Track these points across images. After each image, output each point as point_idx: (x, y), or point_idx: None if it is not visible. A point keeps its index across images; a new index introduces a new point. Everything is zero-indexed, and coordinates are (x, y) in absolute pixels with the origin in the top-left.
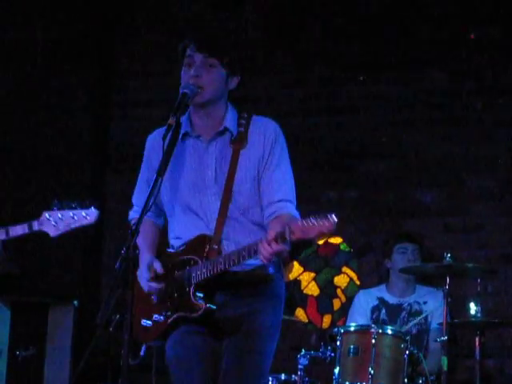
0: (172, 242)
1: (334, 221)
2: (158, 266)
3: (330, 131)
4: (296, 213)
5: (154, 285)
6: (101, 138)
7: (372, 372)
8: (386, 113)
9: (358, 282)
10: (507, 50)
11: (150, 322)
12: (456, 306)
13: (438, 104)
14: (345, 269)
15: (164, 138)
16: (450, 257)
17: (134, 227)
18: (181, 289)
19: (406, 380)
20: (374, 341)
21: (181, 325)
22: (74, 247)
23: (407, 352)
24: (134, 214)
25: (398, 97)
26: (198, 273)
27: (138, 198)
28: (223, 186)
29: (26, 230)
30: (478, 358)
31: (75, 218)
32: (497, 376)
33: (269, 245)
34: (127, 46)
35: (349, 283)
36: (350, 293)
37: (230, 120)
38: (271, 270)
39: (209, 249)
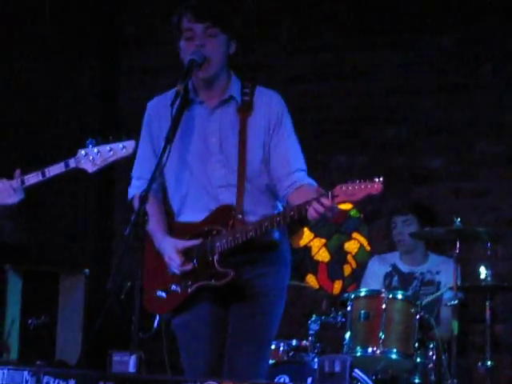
0: (179, 212)
1: (381, 182)
2: (187, 243)
3: (338, 97)
4: (313, 181)
5: (188, 267)
6: (110, 107)
7: (383, 337)
8: (394, 79)
9: (368, 248)
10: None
11: (165, 293)
12: (466, 271)
13: (446, 69)
14: (355, 235)
15: (172, 105)
16: (459, 221)
17: (143, 193)
18: (203, 258)
19: (416, 344)
20: (384, 306)
21: (200, 295)
22: (84, 216)
23: (418, 317)
24: (135, 190)
25: (406, 63)
26: (224, 241)
27: (142, 168)
28: (231, 154)
29: (63, 169)
30: (488, 322)
31: (112, 151)
32: (507, 340)
33: (321, 203)
34: (134, 13)
35: (359, 249)
36: (361, 259)
37: (233, 88)
38: (277, 235)
39: (234, 220)
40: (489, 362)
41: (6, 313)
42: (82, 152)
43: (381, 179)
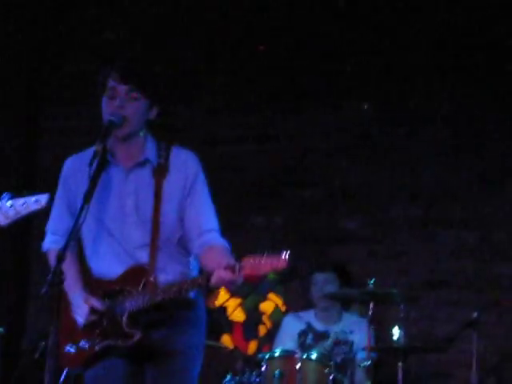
0: (95, 269)
1: (286, 258)
2: (95, 303)
3: (257, 158)
4: (225, 242)
5: (93, 318)
6: (29, 166)
7: None
8: (311, 140)
9: (283, 308)
10: (429, 77)
11: (73, 349)
12: (380, 332)
13: (362, 132)
14: (271, 295)
15: (91, 165)
16: (373, 283)
17: (61, 252)
18: (112, 317)
19: None
20: (298, 366)
21: (108, 353)
22: (2, 271)
23: (331, 377)
24: (49, 245)
25: (323, 125)
26: (133, 303)
27: (56, 224)
28: (146, 216)
29: None
30: (400, 383)
31: (25, 204)
32: None
33: (231, 271)
34: (55, 73)
35: (274, 309)
36: (276, 319)
37: (149, 151)
38: (192, 294)
39: (146, 281)
40: None
41: None
42: None
43: (287, 255)
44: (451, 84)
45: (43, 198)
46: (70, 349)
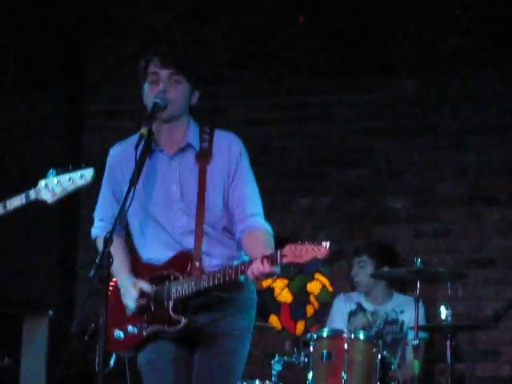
0: (143, 254)
1: (328, 247)
2: (145, 286)
3: (301, 139)
4: (267, 226)
5: (143, 301)
6: (74, 150)
7: (345, 377)
8: (357, 120)
9: (330, 289)
10: (472, 59)
11: (122, 334)
12: (427, 311)
13: (407, 112)
14: (318, 275)
15: (137, 148)
16: (420, 261)
17: (108, 236)
18: (159, 303)
19: None
20: (346, 346)
21: (156, 337)
22: (48, 257)
23: (379, 356)
24: (98, 231)
25: (368, 105)
26: (179, 289)
27: (103, 211)
28: (192, 202)
29: (24, 201)
30: (449, 361)
31: (71, 180)
32: (468, 379)
33: (262, 264)
34: (99, 57)
35: (321, 289)
36: (323, 299)
37: (192, 136)
38: (241, 277)
39: (191, 266)
40: None
41: None
42: (43, 183)
43: (327, 244)
44: (495, 61)
45: (88, 173)
46: (120, 333)
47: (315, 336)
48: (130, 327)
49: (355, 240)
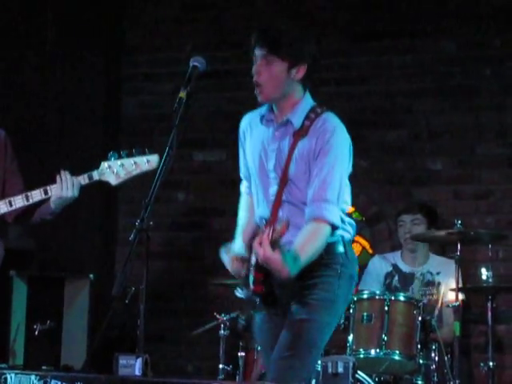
0: (256, 215)
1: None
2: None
3: (340, 101)
4: (327, 214)
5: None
6: (113, 113)
7: (385, 338)
8: (395, 82)
9: (370, 251)
10: None
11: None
12: (468, 272)
13: (447, 72)
14: (357, 237)
15: (175, 111)
16: (460, 223)
17: (148, 201)
18: (248, 269)
19: (419, 346)
20: (386, 308)
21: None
22: (88, 221)
23: (420, 318)
24: (241, 189)
25: (407, 66)
26: (254, 258)
27: (241, 171)
28: (280, 174)
29: (87, 181)
30: (490, 323)
31: (136, 164)
32: (509, 340)
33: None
34: (137, 20)
35: (362, 252)
36: (363, 261)
37: (296, 113)
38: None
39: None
40: (491, 363)
41: (11, 318)
42: (106, 165)
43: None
44: None
45: (154, 159)
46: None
47: (355, 298)
48: (237, 290)
49: (395, 202)
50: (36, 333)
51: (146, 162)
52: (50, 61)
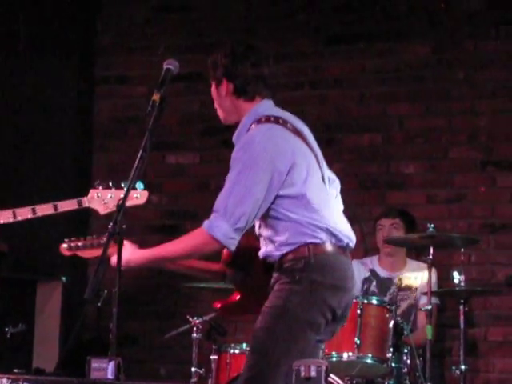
0: None
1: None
2: None
3: (313, 104)
4: (210, 224)
5: None
6: (85, 116)
7: (358, 342)
8: (369, 85)
9: None
10: (487, 21)
11: None
12: (440, 276)
13: (420, 76)
14: None
15: (148, 114)
16: (433, 227)
17: (120, 205)
18: None
19: (391, 349)
20: (359, 311)
21: None
22: (61, 223)
23: (392, 322)
24: None
25: (380, 69)
26: None
27: None
28: None
29: (76, 206)
30: (462, 326)
31: (126, 198)
32: (480, 343)
33: None
34: (110, 22)
35: None
36: None
37: (237, 132)
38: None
39: None
40: (463, 366)
41: None
42: (96, 193)
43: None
44: (509, 22)
45: (143, 195)
46: None
47: None
48: None
49: (368, 206)
50: (8, 335)
51: (136, 198)
52: (22, 62)
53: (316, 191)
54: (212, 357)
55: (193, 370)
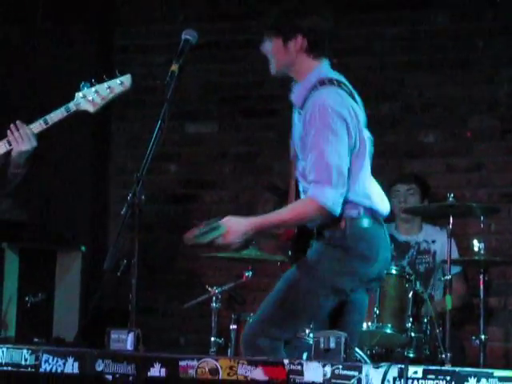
0: None
1: None
2: None
3: None
4: (321, 194)
5: None
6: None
7: (377, 312)
8: (387, 54)
9: None
10: None
11: None
12: (460, 245)
13: (439, 45)
14: None
15: (167, 84)
16: (452, 196)
17: (140, 175)
18: None
19: (410, 319)
20: None
21: None
22: (80, 194)
23: (412, 292)
24: None
25: (399, 38)
26: None
27: None
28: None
29: (65, 113)
30: (481, 296)
31: (110, 88)
32: (500, 313)
33: None
34: None
35: None
36: None
37: (297, 92)
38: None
39: None
40: (482, 336)
41: (3, 291)
42: (80, 94)
43: None
44: None
45: (127, 79)
46: None
47: None
48: None
49: (387, 175)
50: (28, 305)
51: (120, 84)
52: (41, 33)
53: (361, 161)
54: (231, 326)
55: (212, 339)
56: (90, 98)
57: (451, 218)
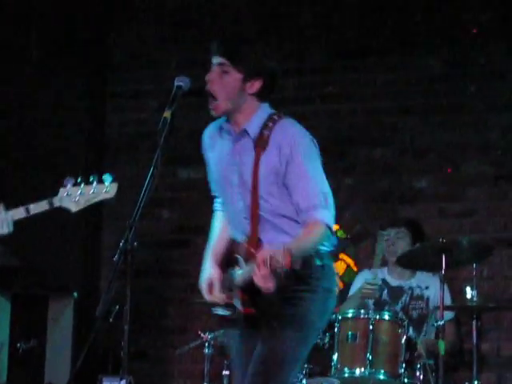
0: (230, 231)
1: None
2: (216, 289)
3: (325, 119)
4: (323, 216)
5: (209, 298)
6: (97, 130)
7: (370, 357)
8: (380, 100)
9: (355, 269)
10: (498, 35)
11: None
12: (452, 290)
13: (431, 90)
14: (342, 255)
15: (160, 132)
16: (444, 242)
17: (131, 222)
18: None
19: (404, 365)
20: (371, 327)
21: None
22: (73, 239)
23: (405, 337)
24: (216, 206)
25: (392, 84)
26: (240, 276)
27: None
28: (248, 188)
29: (47, 207)
30: (474, 341)
31: (95, 193)
32: (493, 359)
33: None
34: (122, 37)
35: (346, 270)
36: (348, 279)
37: (252, 122)
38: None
39: (248, 253)
40: (475, 382)
41: None
42: (64, 192)
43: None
44: None
45: (113, 188)
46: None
47: (340, 317)
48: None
49: (380, 220)
50: (20, 351)
51: (106, 192)
52: (34, 78)
53: None
54: (224, 372)
55: None
56: (74, 198)
57: (443, 260)
